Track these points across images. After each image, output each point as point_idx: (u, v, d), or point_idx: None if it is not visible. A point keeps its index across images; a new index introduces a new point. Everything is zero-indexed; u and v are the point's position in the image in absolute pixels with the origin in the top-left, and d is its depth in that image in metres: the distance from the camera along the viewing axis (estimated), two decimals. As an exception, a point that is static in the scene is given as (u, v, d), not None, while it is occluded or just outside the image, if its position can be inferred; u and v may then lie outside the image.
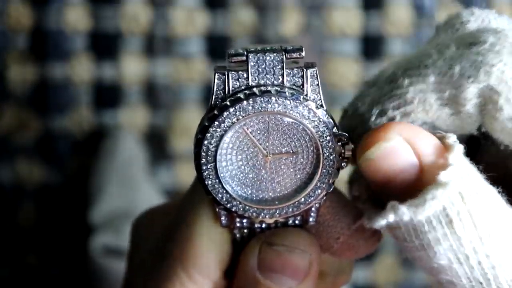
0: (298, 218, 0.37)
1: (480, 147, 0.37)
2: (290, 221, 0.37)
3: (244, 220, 0.37)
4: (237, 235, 0.37)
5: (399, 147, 0.32)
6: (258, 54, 0.34)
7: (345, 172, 0.37)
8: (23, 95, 1.18)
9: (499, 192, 0.33)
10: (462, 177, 0.31)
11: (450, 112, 0.34)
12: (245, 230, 0.37)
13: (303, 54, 0.35)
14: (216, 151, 0.34)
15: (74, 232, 1.16)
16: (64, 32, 1.18)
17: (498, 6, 1.20)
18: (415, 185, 0.32)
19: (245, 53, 0.34)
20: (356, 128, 0.36)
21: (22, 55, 1.18)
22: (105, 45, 1.19)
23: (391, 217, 0.32)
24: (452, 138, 0.33)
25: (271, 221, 0.37)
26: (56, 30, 1.18)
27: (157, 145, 1.19)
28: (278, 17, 1.19)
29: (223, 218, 0.36)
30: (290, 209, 0.36)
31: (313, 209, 0.36)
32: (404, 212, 0.31)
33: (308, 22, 1.19)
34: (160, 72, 1.19)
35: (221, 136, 0.34)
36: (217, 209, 0.36)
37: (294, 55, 0.35)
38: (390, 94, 0.34)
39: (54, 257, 1.19)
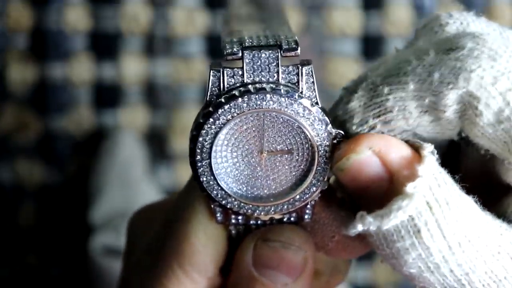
0: (294, 215, 0.37)
1: (461, 151, 0.37)
2: (286, 218, 0.37)
3: (239, 217, 0.37)
4: (233, 232, 0.37)
5: (368, 160, 0.33)
6: (254, 51, 0.34)
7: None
8: (23, 95, 1.18)
9: (475, 200, 0.33)
10: (432, 187, 0.32)
11: (430, 119, 0.34)
12: (241, 227, 0.37)
13: (299, 52, 0.35)
14: (211, 148, 0.34)
15: (74, 232, 1.16)
16: (64, 32, 1.18)
17: (498, 6, 1.20)
18: (387, 195, 0.33)
19: (240, 50, 0.34)
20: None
21: (22, 55, 1.18)
22: (105, 45, 1.19)
23: (359, 227, 0.33)
24: (427, 149, 0.33)
25: (266, 218, 0.37)
26: (56, 30, 1.18)
27: (157, 145, 1.19)
28: (278, 17, 1.19)
29: (218, 214, 0.36)
30: (285, 206, 0.36)
31: (308, 206, 0.36)
32: (370, 222, 0.32)
33: (308, 22, 1.19)
34: (160, 72, 1.19)
35: (216, 133, 0.34)
36: (212, 206, 0.36)
37: (289, 54, 0.35)
38: (369, 102, 0.34)
39: (54, 257, 1.19)
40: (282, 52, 0.34)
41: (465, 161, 0.37)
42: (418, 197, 0.31)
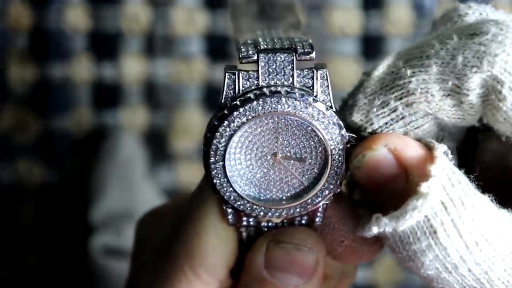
0: (305, 218, 0.37)
1: (478, 146, 0.37)
2: (297, 221, 0.37)
3: (251, 219, 0.37)
4: (244, 234, 0.37)
5: (383, 158, 0.33)
6: (269, 55, 0.34)
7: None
8: (23, 95, 1.18)
9: (491, 199, 0.33)
10: (446, 187, 0.32)
11: (452, 103, 0.34)
12: (252, 229, 0.37)
13: (313, 56, 0.35)
14: (225, 150, 0.34)
15: (74, 232, 1.16)
16: (64, 32, 1.18)
17: (498, 6, 1.20)
18: (402, 195, 0.33)
19: (256, 54, 0.34)
20: (361, 127, 0.36)
21: (22, 55, 1.18)
22: (105, 45, 1.19)
23: (375, 229, 0.33)
24: (440, 149, 0.33)
25: (278, 220, 0.37)
26: (56, 30, 1.18)
27: (157, 145, 1.19)
28: (278, 17, 1.19)
29: (230, 216, 0.36)
30: (298, 209, 0.36)
31: (320, 209, 0.36)
32: (386, 224, 0.32)
33: (308, 22, 1.19)
34: (160, 72, 1.19)
35: (231, 136, 0.34)
36: (224, 208, 0.36)
37: (304, 57, 0.35)
38: (392, 84, 0.34)
39: (54, 257, 1.19)
40: (297, 56, 0.35)
41: (482, 155, 0.37)
42: (433, 197, 0.31)
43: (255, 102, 0.34)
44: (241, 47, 0.35)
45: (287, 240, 0.36)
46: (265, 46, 0.35)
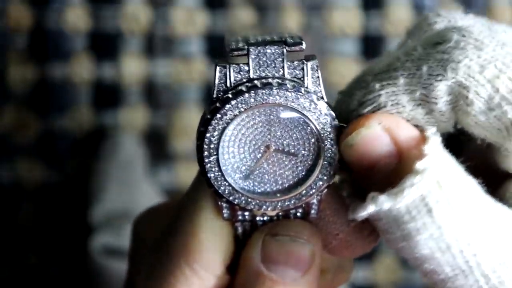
0: (300, 210, 0.37)
1: (463, 144, 0.38)
2: (292, 214, 0.37)
3: (246, 213, 0.37)
4: (239, 230, 0.37)
5: (378, 135, 0.34)
6: (259, 47, 0.35)
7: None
8: (23, 95, 1.18)
9: (478, 183, 0.33)
10: (439, 166, 0.32)
11: (423, 112, 0.34)
12: (247, 224, 0.37)
13: (304, 46, 0.35)
14: (218, 143, 0.35)
15: (74, 232, 1.16)
16: (64, 32, 1.18)
17: (498, 6, 1.20)
18: (395, 175, 0.33)
19: (246, 47, 0.35)
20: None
21: (22, 55, 1.18)
22: (105, 45, 1.19)
23: (371, 208, 0.33)
24: (430, 130, 0.34)
25: (273, 213, 0.37)
26: (56, 30, 1.18)
27: (157, 145, 1.19)
28: (278, 17, 1.19)
29: (225, 211, 0.36)
30: (292, 201, 0.36)
31: (314, 201, 0.36)
32: (383, 201, 0.32)
33: (308, 22, 1.19)
34: (160, 72, 1.19)
35: (223, 129, 0.35)
36: (219, 202, 0.36)
37: (295, 48, 0.35)
38: (363, 99, 0.35)
39: (54, 257, 1.19)
40: (287, 47, 0.35)
41: (467, 153, 0.37)
42: (429, 174, 0.32)
43: (246, 94, 0.34)
44: (232, 41, 0.35)
45: (282, 233, 0.37)
46: (256, 40, 0.35)
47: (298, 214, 0.37)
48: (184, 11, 1.19)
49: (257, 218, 0.37)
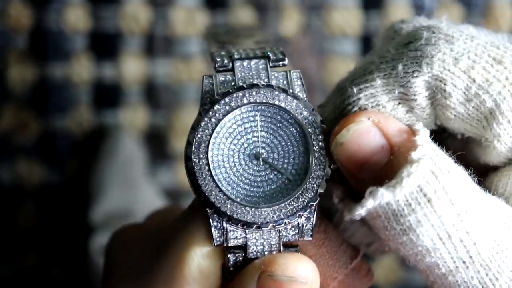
0: (295, 233, 0.36)
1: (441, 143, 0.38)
2: (286, 237, 0.36)
3: (238, 234, 0.35)
4: (231, 261, 0.36)
5: (369, 129, 0.34)
6: (244, 62, 0.35)
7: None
8: (23, 95, 1.18)
9: (468, 174, 0.34)
10: (432, 157, 0.33)
11: (404, 110, 0.35)
12: (240, 255, 0.36)
13: (286, 62, 0.36)
14: (208, 145, 0.35)
15: (74, 232, 1.16)
16: (64, 32, 1.18)
17: (498, 6, 1.20)
18: (388, 170, 0.33)
19: (231, 63, 0.35)
20: None
21: (22, 55, 1.18)
22: (105, 45, 1.19)
23: (370, 203, 0.33)
24: (418, 125, 0.34)
25: (267, 227, 0.35)
26: (56, 30, 1.18)
27: (157, 145, 1.19)
28: (278, 17, 1.19)
29: (216, 233, 0.35)
30: (289, 209, 0.35)
31: (310, 217, 0.35)
32: (383, 194, 0.32)
33: (308, 22, 1.19)
34: (160, 72, 1.19)
35: (213, 129, 0.35)
36: (210, 220, 0.35)
37: (277, 64, 0.36)
38: (343, 106, 0.35)
39: (54, 257, 1.19)
40: (270, 62, 0.36)
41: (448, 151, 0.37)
42: (425, 163, 0.32)
43: (234, 95, 0.35)
44: (216, 58, 0.36)
45: (280, 272, 0.35)
46: (240, 56, 0.36)
47: (292, 238, 0.36)
48: (184, 11, 1.19)
49: (250, 250, 0.36)
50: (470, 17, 1.18)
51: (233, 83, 0.35)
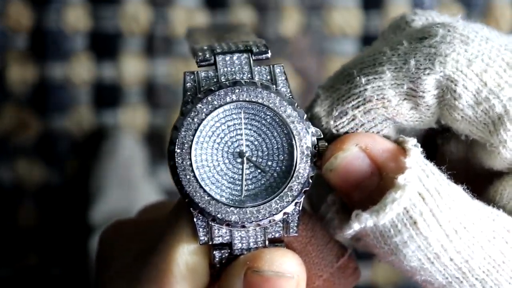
0: (280, 228, 0.35)
1: (438, 150, 0.37)
2: (271, 234, 0.35)
3: (223, 231, 0.35)
4: (217, 258, 0.36)
5: (356, 156, 0.34)
6: (226, 55, 0.35)
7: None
8: (23, 95, 1.18)
9: (463, 189, 0.33)
10: (421, 178, 0.32)
11: (409, 106, 0.34)
12: (225, 252, 0.36)
13: (269, 55, 0.35)
14: (191, 145, 0.34)
15: (74, 232, 1.16)
16: (64, 32, 1.18)
17: (498, 6, 1.20)
18: (378, 192, 0.33)
19: (213, 56, 0.35)
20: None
21: (22, 55, 1.18)
22: (105, 45, 1.19)
23: (356, 226, 0.33)
24: (411, 142, 0.34)
25: (251, 225, 0.35)
26: (56, 30, 1.18)
27: (157, 145, 1.19)
28: (278, 17, 1.19)
29: (201, 231, 0.35)
30: (273, 206, 0.35)
31: (295, 215, 0.35)
32: (367, 218, 0.32)
33: (308, 22, 1.19)
34: (160, 72, 1.19)
35: (196, 129, 0.34)
36: (194, 220, 0.35)
37: (260, 57, 0.35)
38: (348, 94, 0.35)
39: (54, 257, 1.19)
40: (253, 56, 0.35)
41: (443, 158, 0.37)
42: (410, 188, 0.32)
43: (217, 92, 0.34)
44: (198, 52, 0.35)
45: (265, 268, 0.35)
46: (222, 50, 0.35)
47: (278, 234, 0.36)
48: (184, 11, 1.19)
49: (235, 247, 0.35)
50: (470, 17, 1.18)
51: (215, 79, 0.35)
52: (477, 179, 0.36)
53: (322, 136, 0.35)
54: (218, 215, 0.34)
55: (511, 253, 0.33)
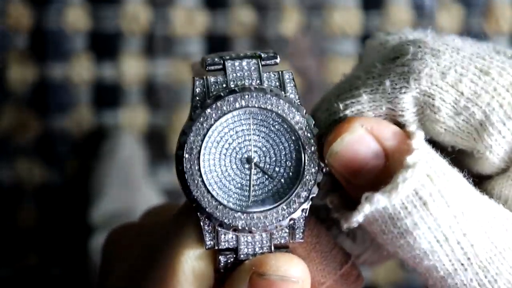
0: (285, 234, 0.36)
1: None
2: (277, 239, 0.36)
3: (230, 236, 0.35)
4: (222, 263, 0.36)
5: (362, 137, 0.34)
6: (235, 61, 0.35)
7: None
8: (23, 95, 1.18)
9: (464, 176, 0.34)
10: (427, 160, 0.33)
11: None
12: (231, 257, 0.36)
13: (278, 61, 0.36)
14: (199, 150, 0.34)
15: (74, 232, 1.16)
16: (64, 32, 1.18)
17: (498, 6, 1.20)
18: (384, 175, 0.33)
19: (222, 61, 0.35)
20: None
21: (22, 55, 1.18)
22: (105, 45, 1.19)
23: (367, 208, 0.33)
24: (413, 127, 0.34)
25: (257, 231, 0.35)
26: (56, 30, 1.18)
27: (157, 145, 1.19)
28: (278, 17, 1.19)
29: (207, 236, 0.35)
30: (280, 212, 0.35)
31: (301, 220, 0.35)
32: (379, 199, 0.32)
33: (308, 22, 1.19)
34: (160, 72, 1.19)
35: (204, 134, 0.34)
36: (201, 223, 0.35)
37: (269, 62, 0.35)
38: (328, 122, 0.35)
39: (54, 257, 1.19)
40: (262, 61, 0.35)
41: None
42: (420, 168, 0.32)
43: (226, 98, 0.34)
44: (207, 58, 0.35)
45: (271, 271, 0.35)
46: (230, 56, 0.35)
47: (283, 240, 0.36)
48: (184, 11, 1.19)
49: (241, 252, 0.35)
50: (470, 17, 1.18)
51: (224, 85, 0.35)
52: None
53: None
54: (225, 220, 0.34)
55: (511, 240, 0.33)
